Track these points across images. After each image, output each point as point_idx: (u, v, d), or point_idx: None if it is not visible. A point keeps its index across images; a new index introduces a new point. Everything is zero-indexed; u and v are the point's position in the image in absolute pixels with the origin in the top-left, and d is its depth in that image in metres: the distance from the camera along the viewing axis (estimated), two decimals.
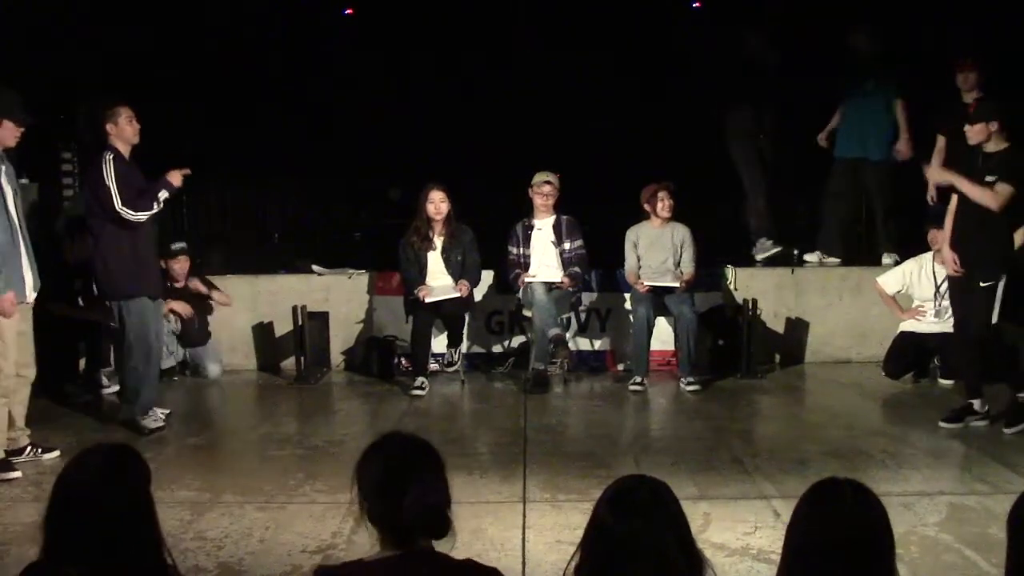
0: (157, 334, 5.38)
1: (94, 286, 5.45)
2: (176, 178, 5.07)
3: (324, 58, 8.69)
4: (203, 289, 6.76)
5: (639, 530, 1.78)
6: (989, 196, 4.87)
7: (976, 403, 5.13)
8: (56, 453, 4.73)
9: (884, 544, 1.82)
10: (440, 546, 2.00)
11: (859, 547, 1.78)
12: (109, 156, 4.98)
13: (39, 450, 4.71)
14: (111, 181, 4.93)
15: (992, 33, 7.02)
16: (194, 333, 6.75)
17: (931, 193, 6.59)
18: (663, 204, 6.40)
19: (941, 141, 6.62)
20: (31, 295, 4.59)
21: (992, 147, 5.06)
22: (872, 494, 1.86)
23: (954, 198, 5.22)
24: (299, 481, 4.30)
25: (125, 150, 5.09)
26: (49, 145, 7.13)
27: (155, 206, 5.04)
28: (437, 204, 6.30)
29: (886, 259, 7.09)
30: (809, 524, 1.84)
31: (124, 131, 5.05)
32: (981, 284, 4.99)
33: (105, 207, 4.95)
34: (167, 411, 5.51)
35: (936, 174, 5.58)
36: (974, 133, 5.08)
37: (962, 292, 5.19)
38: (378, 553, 1.99)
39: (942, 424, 5.12)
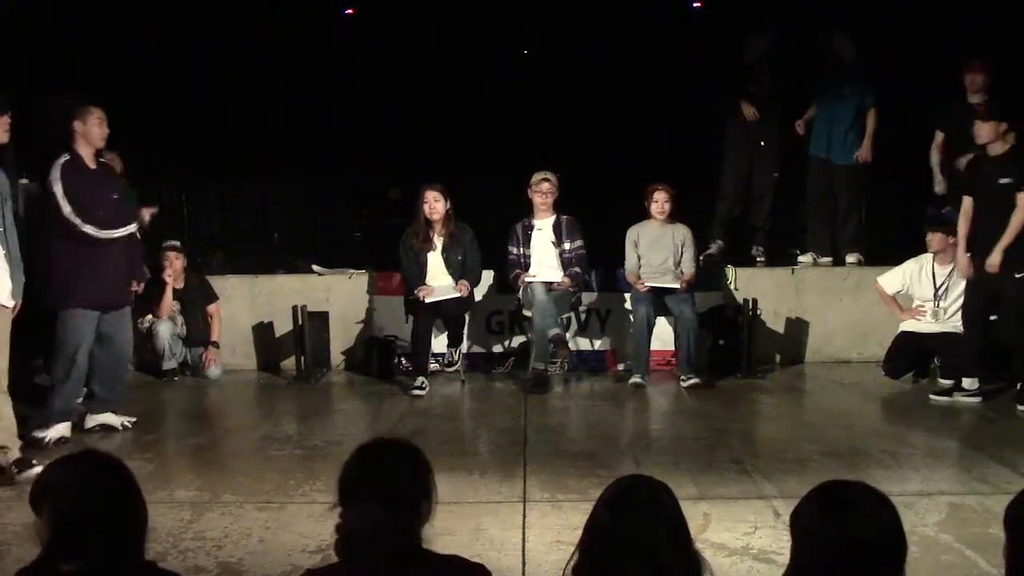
0: (80, 349, 4.92)
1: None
2: (145, 216, 4.86)
3: (324, 58, 8.70)
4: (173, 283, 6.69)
5: (635, 530, 1.77)
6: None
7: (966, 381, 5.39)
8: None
9: (900, 550, 1.81)
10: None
11: (875, 551, 1.77)
12: (60, 161, 4.76)
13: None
14: (58, 187, 4.70)
15: (997, 35, 7.01)
16: (198, 333, 6.78)
17: (938, 179, 6.62)
18: (657, 205, 6.40)
19: (939, 137, 6.64)
20: (9, 301, 4.31)
21: (998, 148, 5.05)
22: (890, 501, 1.85)
23: (966, 201, 5.23)
24: (299, 481, 4.29)
25: (87, 153, 4.87)
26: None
27: (116, 233, 4.81)
28: (431, 204, 6.28)
29: (849, 259, 7.15)
30: (825, 523, 1.79)
31: (91, 132, 4.83)
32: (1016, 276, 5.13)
33: (45, 212, 4.75)
34: (133, 419, 5.27)
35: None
36: (984, 132, 5.07)
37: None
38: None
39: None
